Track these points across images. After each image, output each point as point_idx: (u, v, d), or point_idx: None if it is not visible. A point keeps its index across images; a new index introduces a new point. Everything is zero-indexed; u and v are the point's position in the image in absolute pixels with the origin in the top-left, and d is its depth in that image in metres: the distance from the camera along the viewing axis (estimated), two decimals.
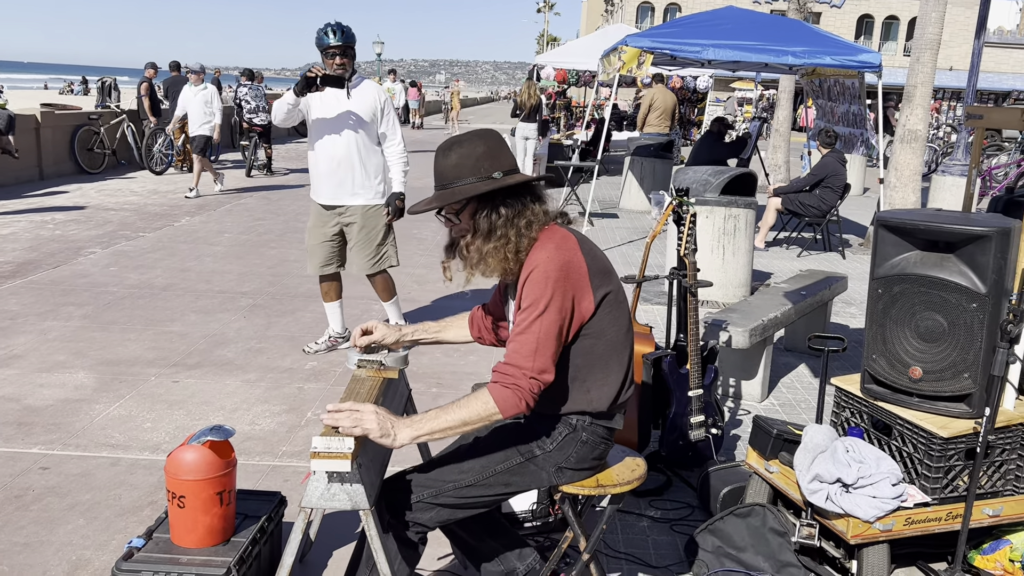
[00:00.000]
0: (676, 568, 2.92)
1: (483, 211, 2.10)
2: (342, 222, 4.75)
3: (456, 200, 2.08)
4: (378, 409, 1.99)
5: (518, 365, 1.99)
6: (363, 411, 1.98)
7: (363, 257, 4.78)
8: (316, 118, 4.57)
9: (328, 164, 4.59)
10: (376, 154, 4.73)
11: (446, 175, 2.11)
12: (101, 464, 3.49)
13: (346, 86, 4.45)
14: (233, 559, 2.43)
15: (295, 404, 4.22)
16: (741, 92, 33.67)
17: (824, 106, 10.42)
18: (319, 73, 4.30)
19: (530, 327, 2.00)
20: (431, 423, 1.98)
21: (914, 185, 8.68)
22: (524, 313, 2.02)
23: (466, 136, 2.15)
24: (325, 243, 4.76)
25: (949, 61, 38.47)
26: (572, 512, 2.29)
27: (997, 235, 2.61)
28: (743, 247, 6.36)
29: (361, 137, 4.60)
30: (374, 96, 4.62)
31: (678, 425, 3.53)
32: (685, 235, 3.41)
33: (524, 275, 2.06)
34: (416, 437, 1.98)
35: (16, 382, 4.33)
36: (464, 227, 2.15)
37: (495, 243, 2.08)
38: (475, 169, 2.09)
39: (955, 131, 20.16)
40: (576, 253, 2.08)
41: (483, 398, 1.98)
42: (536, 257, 2.06)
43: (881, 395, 2.89)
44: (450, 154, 2.11)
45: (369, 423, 1.96)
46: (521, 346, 2.00)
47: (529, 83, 13.34)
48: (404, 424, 1.98)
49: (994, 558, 2.87)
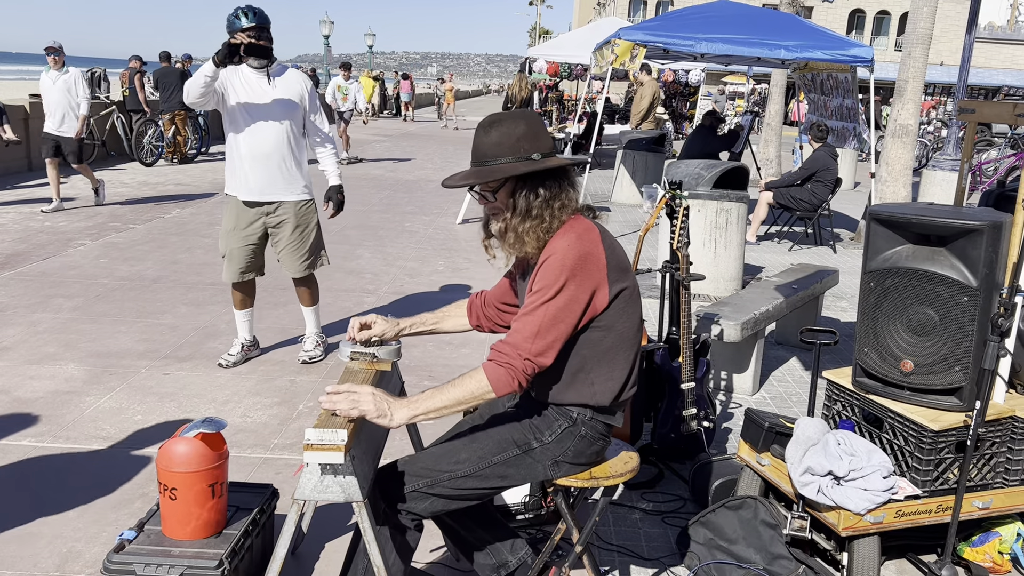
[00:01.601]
0: (668, 560, 2.93)
1: (522, 191, 2.11)
2: (269, 222, 4.37)
3: (494, 179, 2.09)
4: (375, 390, 2.00)
5: (516, 345, 2.01)
6: (360, 392, 1.99)
7: (297, 259, 4.45)
8: (236, 105, 4.16)
9: (255, 156, 4.22)
10: (303, 146, 4.43)
11: (485, 153, 2.12)
12: (92, 456, 3.47)
13: (268, 73, 4.18)
14: (225, 551, 2.42)
15: (287, 397, 4.21)
16: (733, 86, 33.70)
17: (816, 100, 10.44)
18: (245, 40, 3.91)
19: (536, 310, 2.02)
20: (427, 403, 2.00)
21: (905, 179, 8.72)
22: (534, 296, 2.04)
23: (507, 115, 2.16)
24: (248, 247, 4.37)
25: (940, 56, 38.60)
26: (565, 504, 2.29)
27: (988, 229, 2.62)
28: (735, 241, 6.37)
29: (289, 127, 4.28)
30: (299, 84, 4.32)
31: (670, 418, 3.54)
32: (678, 228, 3.42)
33: (542, 259, 2.07)
34: (412, 417, 2.00)
35: (6, 374, 4.30)
36: (498, 205, 2.16)
37: (532, 223, 2.09)
38: (515, 149, 2.10)
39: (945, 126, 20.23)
40: (597, 245, 2.09)
41: (477, 376, 2.00)
42: (556, 244, 2.07)
43: (872, 388, 2.90)
44: (491, 132, 2.12)
45: (366, 404, 1.97)
46: (523, 327, 2.02)
47: (521, 76, 13.31)
48: (400, 404, 2.00)
49: (983, 550, 2.89)
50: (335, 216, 4.63)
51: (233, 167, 4.30)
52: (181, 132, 13.12)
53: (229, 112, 4.19)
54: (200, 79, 3.94)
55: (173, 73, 12.84)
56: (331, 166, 4.56)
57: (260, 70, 4.19)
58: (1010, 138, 17.97)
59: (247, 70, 4.17)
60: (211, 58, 3.92)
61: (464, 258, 7.61)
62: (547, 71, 17.67)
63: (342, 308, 5.78)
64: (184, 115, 13.00)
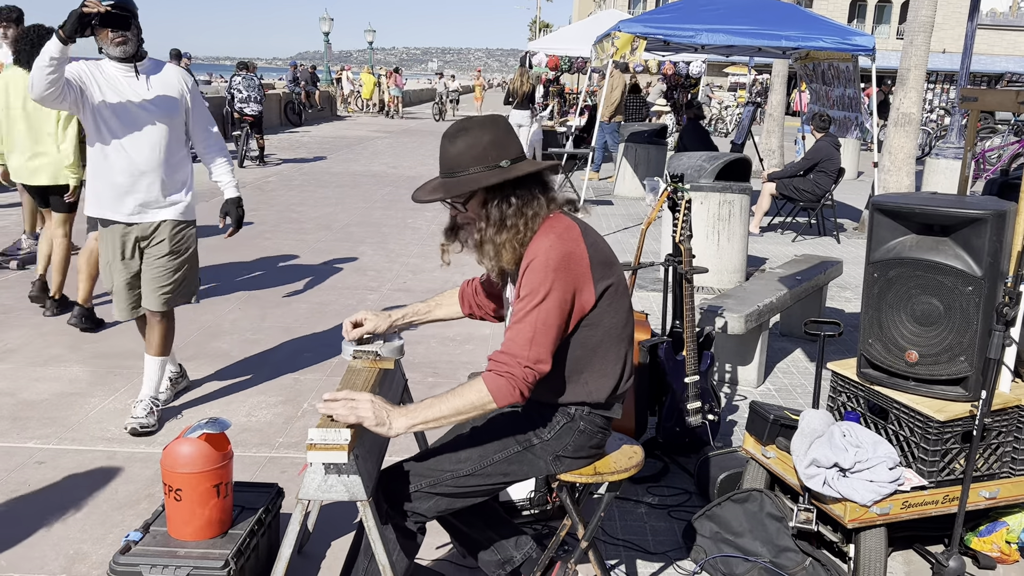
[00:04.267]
0: (674, 554, 2.92)
1: (493, 200, 2.07)
2: (142, 245, 3.68)
3: (463, 191, 2.05)
4: (374, 398, 1.98)
5: (514, 354, 1.98)
6: (359, 400, 1.97)
7: (157, 287, 3.67)
8: (102, 109, 3.46)
9: (128, 170, 3.54)
10: (186, 156, 3.76)
11: (452, 163, 2.07)
12: (97, 458, 3.48)
13: (137, 70, 3.52)
14: (231, 551, 2.43)
15: (291, 395, 4.21)
16: (734, 77, 33.60)
17: (818, 90, 10.40)
18: (98, 8, 3.17)
19: (527, 316, 1.99)
20: (426, 412, 1.98)
21: (908, 168, 8.69)
22: (522, 302, 2.00)
23: (473, 122, 2.10)
24: (133, 278, 3.70)
25: (942, 44, 38.43)
26: (570, 500, 2.29)
27: (993, 218, 2.61)
28: (738, 233, 6.36)
29: (167, 134, 3.60)
30: (178, 81, 3.65)
31: (675, 412, 3.53)
32: (680, 221, 3.40)
33: (525, 263, 2.04)
34: (411, 426, 1.97)
35: (10, 376, 4.31)
36: (471, 216, 2.12)
37: (508, 234, 2.05)
38: (482, 158, 2.05)
39: (948, 114, 20.16)
40: (579, 244, 2.05)
41: (477, 387, 1.97)
42: (537, 246, 2.03)
43: (877, 379, 2.89)
44: (456, 141, 2.07)
45: (365, 411, 1.95)
46: (518, 335, 1.99)
47: (522, 70, 13.29)
48: (399, 413, 1.97)
49: (991, 540, 2.88)
50: (233, 234, 4.01)
51: (101, 183, 3.59)
52: None
53: (93, 118, 3.48)
54: (44, 62, 3.14)
55: None
56: (225, 176, 3.90)
57: (126, 65, 3.49)
58: (1013, 125, 17.89)
59: (112, 67, 3.48)
60: (54, 33, 3.12)
61: (468, 254, 7.59)
62: (548, 64, 17.63)
63: (345, 306, 5.78)
64: None
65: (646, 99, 18.93)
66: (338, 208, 9.77)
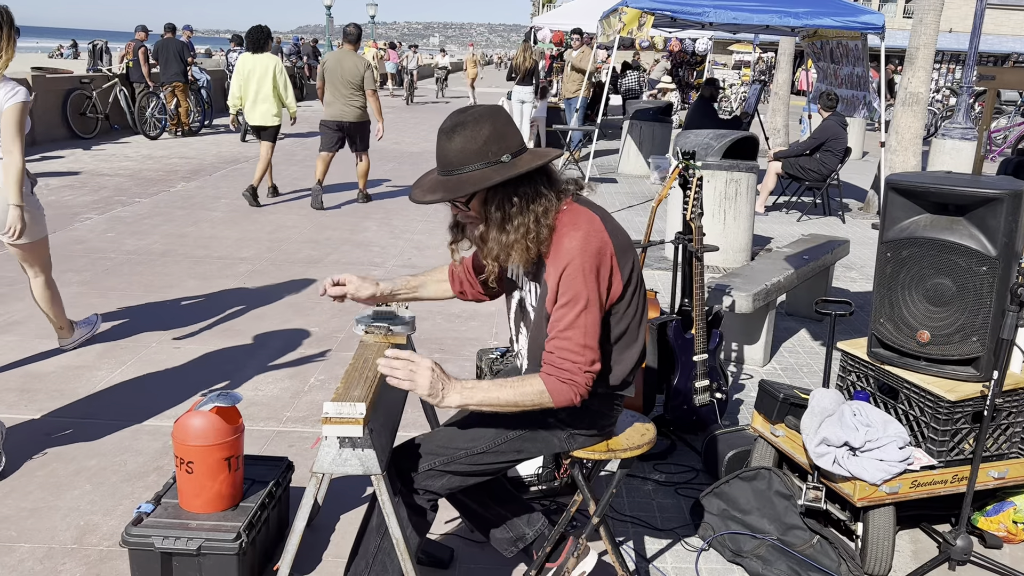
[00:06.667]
0: (682, 531, 2.94)
1: (495, 200, 1.97)
2: None
3: (464, 193, 1.94)
4: (435, 366, 1.93)
5: (573, 361, 1.96)
6: (419, 366, 1.92)
7: None
8: None
9: None
10: None
11: (451, 161, 1.96)
12: (105, 430, 3.48)
13: None
14: (243, 523, 2.43)
15: (297, 370, 4.21)
16: (739, 55, 33.34)
17: (826, 68, 10.31)
18: None
19: (575, 322, 1.96)
20: (482, 394, 1.96)
21: (915, 148, 8.63)
22: (565, 308, 1.96)
23: (470, 116, 1.97)
24: None
25: (949, 23, 38.02)
26: (582, 476, 2.29)
27: (1009, 198, 2.59)
28: (744, 212, 6.33)
29: None
30: None
31: (683, 390, 3.54)
32: (691, 199, 3.38)
33: (558, 268, 1.97)
34: (463, 404, 1.96)
35: (17, 348, 4.31)
36: (473, 215, 2.03)
37: (515, 234, 1.97)
38: (482, 153, 1.94)
39: (955, 94, 20.03)
40: (603, 235, 1.99)
41: (538, 387, 1.96)
42: (567, 247, 1.96)
43: (888, 359, 2.89)
44: (454, 137, 1.95)
45: (422, 380, 1.91)
46: (569, 342, 1.96)
47: (525, 45, 13.18)
48: (454, 388, 1.94)
49: (998, 519, 2.89)
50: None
51: None
52: (182, 104, 13.03)
53: None
54: None
55: (171, 44, 12.73)
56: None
57: None
58: (1020, 105, 17.79)
59: None
60: None
61: None
62: (552, 40, 17.48)
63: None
64: (183, 86, 12.90)
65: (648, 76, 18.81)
66: (340, 184, 9.73)
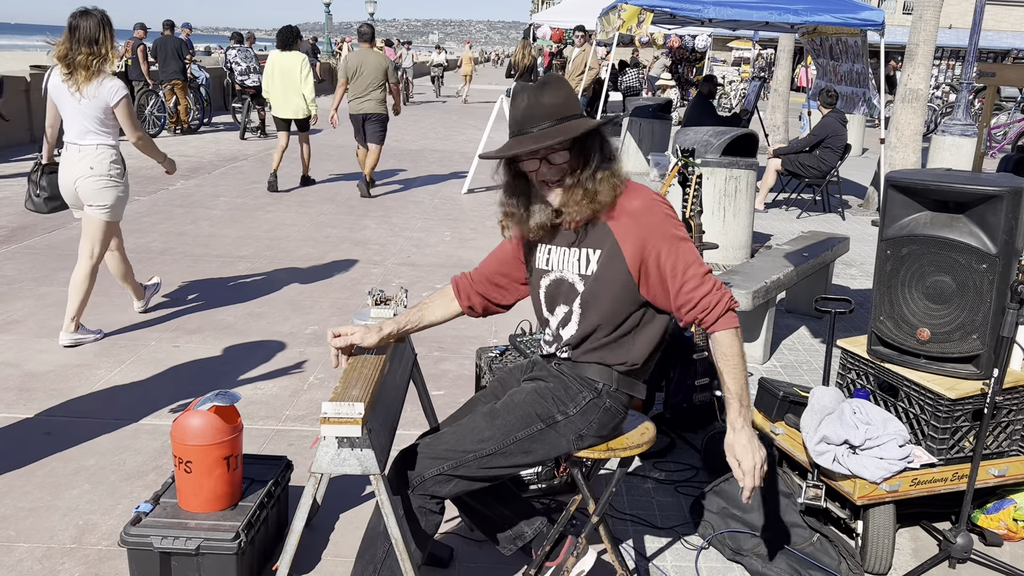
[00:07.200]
0: (681, 529, 2.93)
1: (594, 144, 2.10)
2: None
3: (580, 131, 2.03)
4: (760, 445, 2.04)
5: (707, 287, 2.05)
6: (757, 455, 2.03)
7: None
8: None
9: None
10: None
11: (552, 111, 2.05)
12: (104, 429, 3.47)
13: None
14: (241, 523, 2.43)
15: (297, 368, 4.20)
16: (738, 51, 33.31)
17: (826, 65, 10.29)
18: None
19: (681, 255, 2.07)
20: (745, 396, 2.05)
21: (915, 145, 8.62)
22: (669, 243, 2.07)
23: (549, 77, 2.13)
24: None
25: (949, 19, 37.96)
26: (581, 476, 2.29)
27: (1009, 195, 2.58)
28: (744, 208, 6.33)
29: None
30: None
31: (683, 387, 3.53)
32: (691, 197, 3.38)
33: (638, 222, 2.09)
34: (750, 420, 2.06)
35: (16, 347, 4.30)
36: (563, 166, 2.07)
37: (602, 175, 2.08)
38: (574, 106, 2.08)
39: (955, 90, 20.00)
40: None
41: (731, 338, 2.05)
42: (634, 203, 2.11)
43: (888, 357, 2.88)
44: (545, 92, 2.05)
45: (760, 458, 2.03)
46: (689, 274, 2.06)
47: (524, 43, 13.16)
48: (748, 425, 2.03)
49: (998, 517, 2.89)
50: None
51: None
52: (181, 102, 13.01)
53: None
54: None
55: (170, 42, 12.71)
56: None
57: None
58: (1019, 102, 17.78)
59: None
60: None
61: (470, 228, 7.56)
62: (551, 37, 17.47)
63: (350, 279, 5.76)
64: (182, 84, 12.88)
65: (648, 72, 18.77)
66: (341, 181, 9.72)
